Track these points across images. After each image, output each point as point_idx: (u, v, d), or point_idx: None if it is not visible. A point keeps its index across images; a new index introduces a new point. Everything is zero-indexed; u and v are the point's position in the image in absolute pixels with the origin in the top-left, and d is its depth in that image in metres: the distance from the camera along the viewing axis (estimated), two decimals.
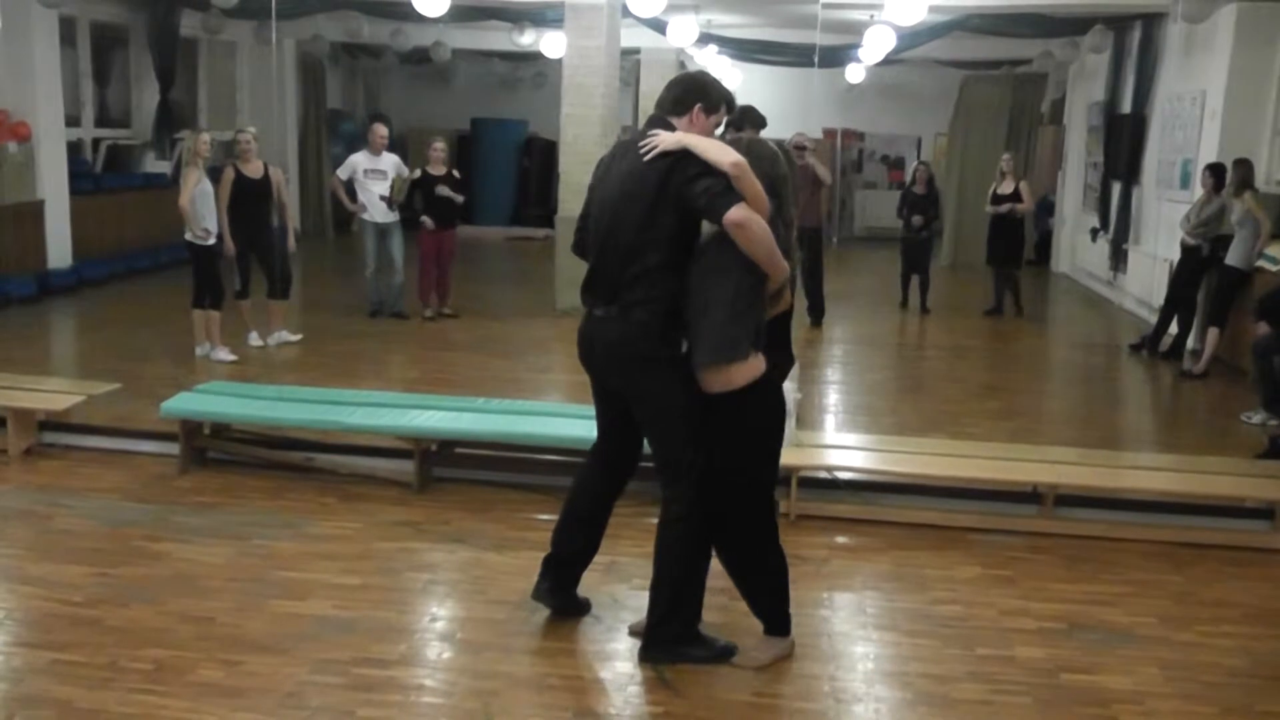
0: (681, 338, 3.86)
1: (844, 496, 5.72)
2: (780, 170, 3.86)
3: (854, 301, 12.81)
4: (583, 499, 4.25)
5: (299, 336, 9.41)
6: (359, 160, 10.55)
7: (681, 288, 3.83)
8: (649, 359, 3.87)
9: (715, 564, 4.03)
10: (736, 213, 3.61)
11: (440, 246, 10.67)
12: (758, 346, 3.77)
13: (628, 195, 3.85)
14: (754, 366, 3.76)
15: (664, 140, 3.79)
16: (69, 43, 12.80)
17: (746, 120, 6.92)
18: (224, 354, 8.59)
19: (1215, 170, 9.60)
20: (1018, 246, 12.32)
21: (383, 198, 10.43)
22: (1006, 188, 12.06)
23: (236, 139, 8.88)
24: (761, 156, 3.82)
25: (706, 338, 3.77)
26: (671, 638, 3.98)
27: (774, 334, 3.85)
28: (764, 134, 7.14)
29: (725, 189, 3.65)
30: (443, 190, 10.50)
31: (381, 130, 10.62)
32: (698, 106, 3.92)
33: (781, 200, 3.83)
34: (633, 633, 4.19)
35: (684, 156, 3.74)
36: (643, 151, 3.81)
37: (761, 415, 3.86)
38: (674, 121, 3.92)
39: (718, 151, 3.71)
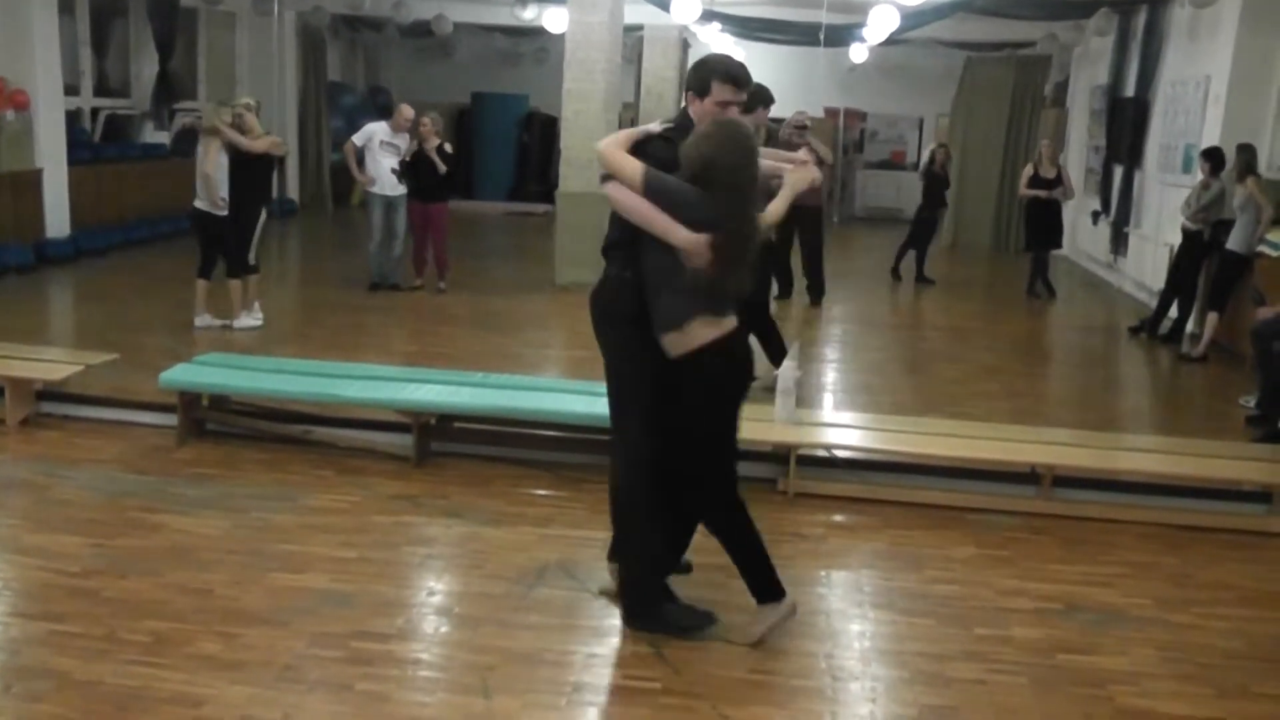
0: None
1: (842, 475, 5.73)
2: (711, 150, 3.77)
3: (854, 281, 12.81)
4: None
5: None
6: (377, 130, 10.57)
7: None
8: (611, 315, 3.99)
9: (705, 542, 4.04)
10: (606, 187, 3.86)
11: (426, 219, 10.69)
12: (712, 311, 3.79)
13: None
14: (700, 333, 3.79)
15: None
16: (67, 11, 12.71)
17: (756, 100, 6.86)
18: (248, 319, 8.63)
19: (1211, 155, 9.59)
20: (1057, 230, 12.38)
21: (394, 170, 10.49)
22: (1049, 172, 12.12)
23: (233, 111, 8.83)
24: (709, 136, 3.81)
25: (654, 312, 3.87)
26: (641, 593, 4.06)
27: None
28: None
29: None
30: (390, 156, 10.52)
31: (408, 112, 10.64)
32: (689, 93, 4.03)
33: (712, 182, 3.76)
34: (602, 593, 4.30)
35: None
36: None
37: (710, 375, 3.86)
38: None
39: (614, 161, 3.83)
